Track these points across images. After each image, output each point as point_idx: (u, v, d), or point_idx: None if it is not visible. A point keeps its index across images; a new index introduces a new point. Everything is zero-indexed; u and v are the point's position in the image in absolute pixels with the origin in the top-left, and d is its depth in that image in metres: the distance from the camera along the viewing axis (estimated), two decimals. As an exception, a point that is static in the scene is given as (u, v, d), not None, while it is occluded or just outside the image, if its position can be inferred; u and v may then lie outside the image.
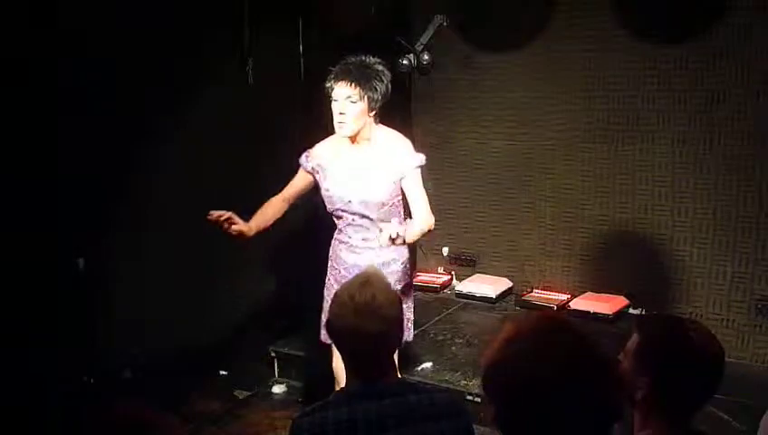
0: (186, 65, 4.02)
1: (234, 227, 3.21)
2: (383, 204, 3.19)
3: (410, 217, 3.29)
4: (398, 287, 3.30)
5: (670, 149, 4.48)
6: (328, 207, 3.33)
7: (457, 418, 2.08)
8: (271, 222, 3.39)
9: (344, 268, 3.33)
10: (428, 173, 5.32)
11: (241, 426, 3.99)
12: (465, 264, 5.35)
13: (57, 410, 3.55)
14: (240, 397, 4.27)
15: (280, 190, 3.57)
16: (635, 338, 1.86)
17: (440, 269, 5.41)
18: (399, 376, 2.56)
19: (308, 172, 3.36)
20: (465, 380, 3.91)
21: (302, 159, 3.38)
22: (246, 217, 3.45)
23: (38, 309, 3.50)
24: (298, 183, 3.43)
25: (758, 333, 4.28)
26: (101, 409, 1.50)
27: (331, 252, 3.45)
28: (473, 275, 5.27)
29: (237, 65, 4.39)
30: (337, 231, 3.39)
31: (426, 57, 4.61)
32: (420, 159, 3.26)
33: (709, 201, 4.39)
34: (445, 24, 4.54)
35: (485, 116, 5.11)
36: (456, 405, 2.15)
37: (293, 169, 3.53)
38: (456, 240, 5.37)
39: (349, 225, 3.28)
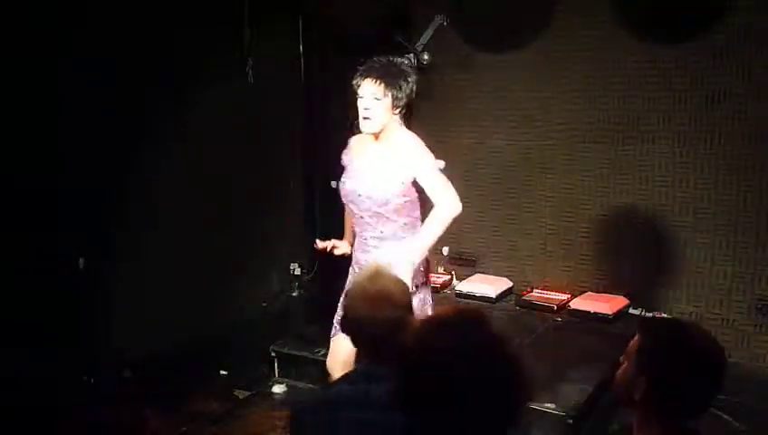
0: (186, 65, 4.02)
1: (336, 251, 3.43)
2: (388, 201, 3.17)
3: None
4: (411, 285, 3.19)
5: (670, 149, 4.48)
6: (342, 199, 3.32)
7: None
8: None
9: (359, 267, 3.31)
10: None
11: (241, 426, 3.99)
12: (465, 264, 5.34)
13: (57, 410, 3.55)
14: (240, 397, 4.27)
15: (279, 189, 3.58)
16: (636, 338, 1.86)
17: (440, 269, 5.41)
18: None
19: (345, 166, 3.37)
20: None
21: (343, 155, 3.38)
22: (247, 217, 3.49)
23: (38, 309, 3.51)
24: None
25: (758, 333, 4.28)
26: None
27: (352, 252, 3.41)
28: (473, 274, 5.26)
29: (237, 65, 4.39)
30: (356, 232, 3.36)
31: (426, 57, 4.61)
32: (433, 161, 3.21)
33: (709, 201, 4.39)
34: (445, 23, 4.54)
35: (485, 116, 5.11)
36: None
37: (293, 168, 3.55)
38: (456, 240, 5.36)
39: (359, 222, 3.27)
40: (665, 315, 4.51)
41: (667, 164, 4.50)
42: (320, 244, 3.44)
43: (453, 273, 5.36)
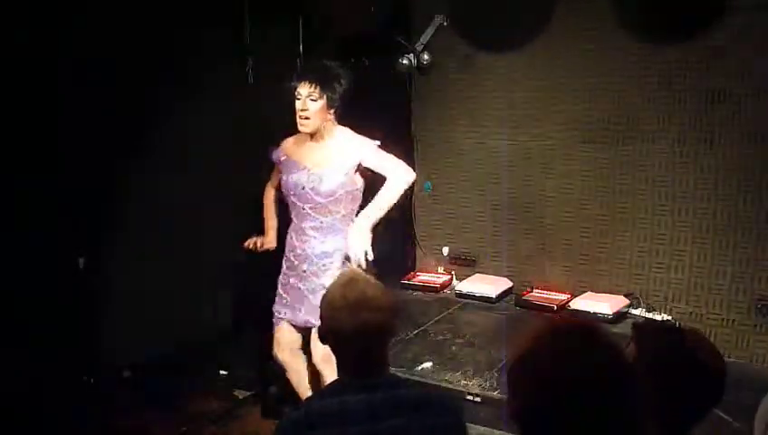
0: (186, 65, 4.03)
1: (265, 246, 3.69)
2: (333, 192, 3.36)
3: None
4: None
5: (670, 149, 4.48)
6: (284, 193, 3.51)
7: (451, 415, 2.09)
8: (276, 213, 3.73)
9: (293, 255, 3.50)
10: (429, 173, 5.37)
11: (241, 426, 3.99)
12: (465, 264, 5.34)
13: (57, 410, 3.56)
14: (240, 397, 4.27)
15: (279, 189, 3.60)
16: (632, 349, 1.83)
17: (440, 269, 5.41)
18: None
19: (278, 163, 3.60)
20: (465, 380, 3.91)
21: (273, 155, 3.61)
22: (247, 217, 3.49)
23: (38, 309, 3.51)
24: (276, 174, 3.66)
25: (758, 333, 4.28)
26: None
27: (286, 240, 3.59)
28: (473, 275, 5.26)
29: (237, 65, 4.40)
30: (292, 221, 3.54)
31: (426, 57, 4.62)
32: (374, 141, 3.45)
33: (709, 201, 4.39)
34: (445, 23, 4.55)
35: (485, 116, 5.11)
36: (450, 402, 2.16)
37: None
38: (455, 240, 5.37)
39: (300, 213, 3.45)
40: (665, 317, 4.51)
41: (667, 164, 4.50)
42: (248, 243, 3.69)
43: (453, 273, 5.36)
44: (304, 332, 3.53)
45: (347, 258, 3.34)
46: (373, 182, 3.43)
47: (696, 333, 1.87)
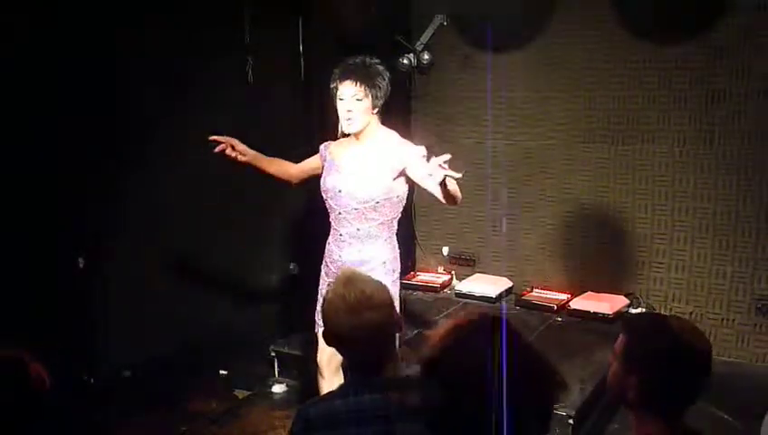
0: (186, 65, 4.02)
1: (237, 156, 3.41)
2: (372, 199, 3.23)
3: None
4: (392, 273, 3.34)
5: (670, 149, 4.48)
6: (323, 195, 3.39)
7: None
8: (272, 171, 3.50)
9: (331, 262, 3.39)
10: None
11: (241, 426, 3.99)
12: (465, 264, 5.35)
13: (57, 410, 3.55)
14: (240, 397, 4.27)
15: (279, 189, 3.59)
16: (621, 338, 1.86)
17: (440, 269, 5.41)
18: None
19: (321, 159, 3.44)
20: (465, 380, 3.90)
21: (322, 148, 3.46)
22: (247, 217, 3.48)
23: (38, 309, 3.51)
24: (310, 164, 3.50)
25: (758, 333, 4.29)
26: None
27: (326, 248, 3.48)
28: (473, 274, 5.27)
29: (237, 65, 4.39)
30: (331, 227, 3.44)
31: (426, 57, 4.61)
32: (421, 149, 3.30)
33: (709, 201, 4.39)
34: (445, 23, 4.55)
35: (485, 116, 5.11)
36: None
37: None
38: (456, 240, 5.37)
39: (337, 217, 3.33)
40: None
41: (667, 164, 4.51)
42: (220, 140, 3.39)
43: (453, 273, 5.37)
44: None
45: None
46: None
47: (679, 319, 1.91)
